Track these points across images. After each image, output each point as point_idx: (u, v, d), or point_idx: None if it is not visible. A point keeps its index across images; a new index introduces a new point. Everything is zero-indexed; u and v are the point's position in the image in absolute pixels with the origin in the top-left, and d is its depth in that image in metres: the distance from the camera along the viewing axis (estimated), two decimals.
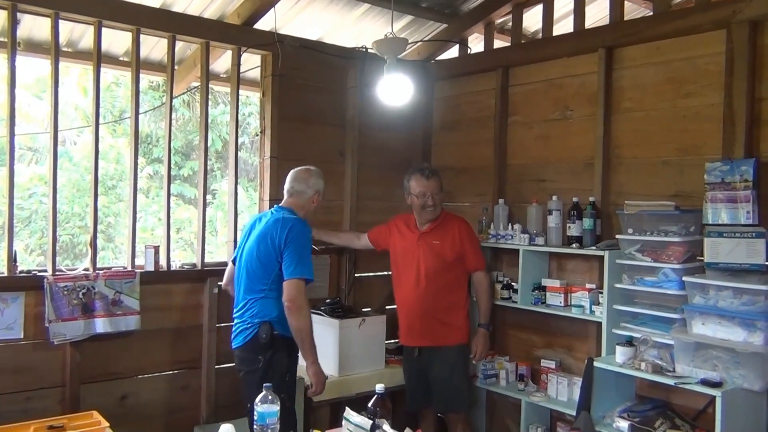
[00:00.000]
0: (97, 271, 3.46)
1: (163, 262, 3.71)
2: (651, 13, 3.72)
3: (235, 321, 3.25)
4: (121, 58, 4.07)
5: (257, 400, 2.36)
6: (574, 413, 3.41)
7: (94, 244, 3.51)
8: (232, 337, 3.25)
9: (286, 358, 3.14)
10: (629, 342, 3.26)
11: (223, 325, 3.90)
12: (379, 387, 2.44)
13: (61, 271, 3.43)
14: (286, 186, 3.38)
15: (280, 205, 3.35)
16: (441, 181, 3.76)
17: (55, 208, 3.40)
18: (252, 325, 3.13)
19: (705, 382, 2.89)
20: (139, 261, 3.68)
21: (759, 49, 3.13)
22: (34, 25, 3.58)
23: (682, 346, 3.07)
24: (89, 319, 3.38)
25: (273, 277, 3.11)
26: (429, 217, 3.74)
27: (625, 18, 3.77)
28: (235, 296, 3.31)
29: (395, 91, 3.66)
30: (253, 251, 3.19)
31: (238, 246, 3.39)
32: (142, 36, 3.65)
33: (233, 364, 3.35)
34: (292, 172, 3.41)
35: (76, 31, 3.75)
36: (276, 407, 2.36)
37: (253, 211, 4.29)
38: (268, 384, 2.41)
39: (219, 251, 5.08)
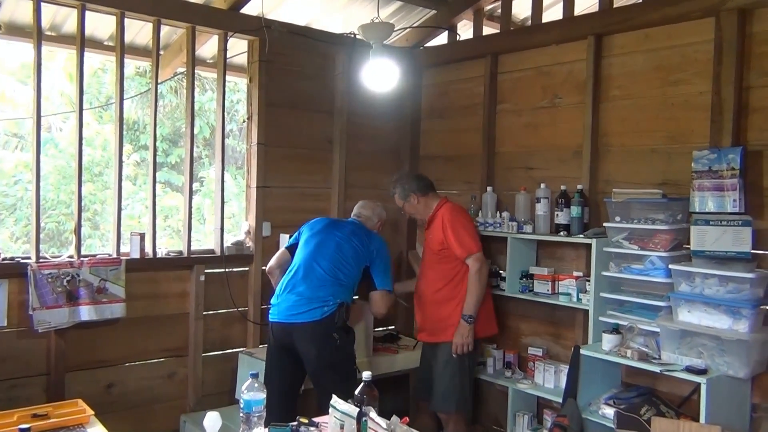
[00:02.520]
0: (81, 259, 3.43)
1: (149, 249, 3.68)
2: (640, 1, 3.71)
3: (302, 297, 3.29)
4: (105, 43, 4.01)
5: (243, 387, 2.35)
6: (560, 400, 3.42)
7: (78, 232, 3.48)
8: (296, 312, 3.26)
9: (352, 334, 3.41)
10: (616, 330, 3.27)
11: (210, 312, 3.89)
12: (366, 375, 2.43)
13: (45, 258, 3.39)
14: (354, 212, 3.80)
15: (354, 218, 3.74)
16: (401, 191, 3.77)
17: (38, 195, 3.36)
18: (333, 303, 3.28)
19: (690, 370, 2.91)
20: (126, 249, 3.65)
21: (747, 38, 3.13)
22: (17, 8, 3.51)
23: (667, 334, 3.08)
24: (74, 306, 3.35)
25: (358, 271, 3.46)
26: (421, 220, 3.85)
27: (615, 5, 3.76)
28: (299, 276, 3.36)
29: (380, 76, 3.62)
30: (347, 242, 3.46)
31: (305, 236, 3.54)
32: (127, 20, 3.61)
33: (220, 352, 3.35)
34: (359, 202, 3.84)
35: (60, 15, 3.69)
36: (262, 395, 2.35)
37: (241, 198, 4.26)
38: (254, 372, 2.40)
39: (207, 239, 5.04)
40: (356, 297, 3.61)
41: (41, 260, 3.34)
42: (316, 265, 3.38)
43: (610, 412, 3.18)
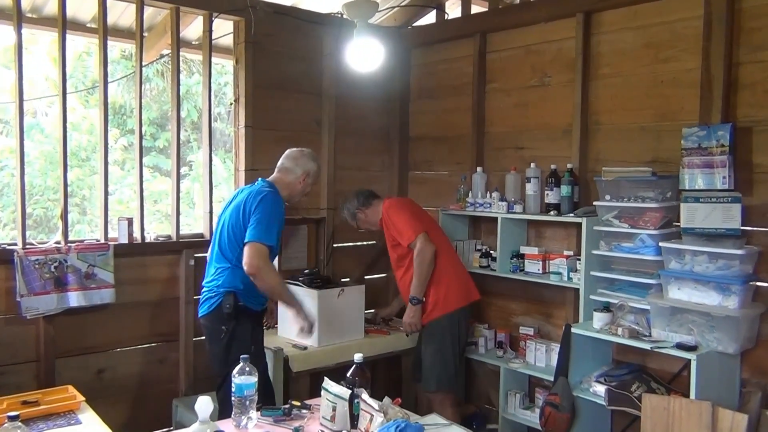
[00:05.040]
0: (69, 244, 3.39)
1: (137, 234, 3.64)
2: None
3: (203, 290, 3.19)
4: (88, 25, 3.93)
5: (234, 371, 2.35)
6: (552, 379, 3.44)
7: (65, 217, 3.44)
8: (200, 306, 3.19)
9: (250, 329, 3.11)
10: (606, 308, 3.28)
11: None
12: (358, 356, 2.43)
13: (32, 244, 3.36)
14: (278, 162, 3.37)
15: (265, 178, 3.30)
16: (349, 213, 3.90)
17: (23, 182, 3.30)
18: (216, 294, 3.08)
19: (680, 346, 2.93)
20: (114, 234, 3.62)
21: (737, 13, 3.10)
22: None
23: (658, 311, 3.10)
24: (62, 292, 3.33)
25: (241, 247, 3.01)
26: (377, 227, 3.88)
27: None
28: (207, 267, 3.26)
29: (365, 55, 3.57)
30: (225, 222, 3.16)
31: (218, 219, 3.33)
32: (109, 1, 3.54)
33: None
34: (287, 150, 3.40)
35: None
36: (254, 378, 2.35)
37: (230, 182, 4.22)
38: (245, 356, 2.39)
39: (196, 223, 5.02)
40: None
41: (28, 246, 3.30)
42: (211, 252, 3.22)
43: (601, 389, 3.20)
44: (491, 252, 4.00)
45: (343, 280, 4.11)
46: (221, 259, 3.12)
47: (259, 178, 3.31)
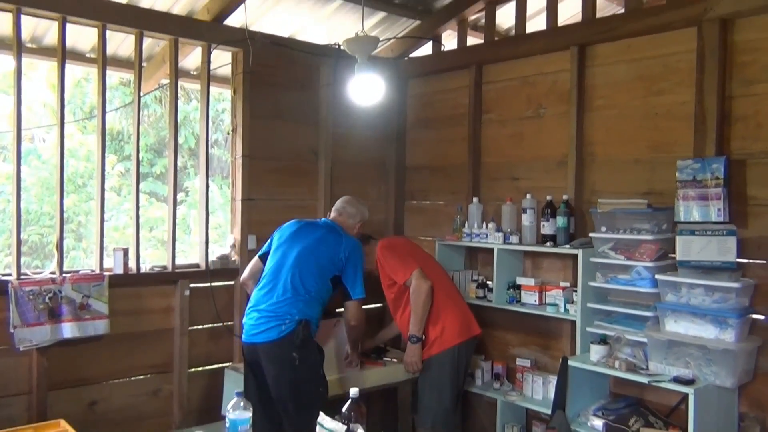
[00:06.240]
0: (63, 275, 3.38)
1: (132, 264, 3.63)
2: (623, 11, 3.73)
3: (262, 315, 3.16)
4: (87, 55, 3.97)
5: (229, 406, 2.32)
6: (549, 412, 3.41)
7: (60, 247, 3.42)
8: (257, 331, 3.14)
9: (318, 355, 3.22)
10: (603, 340, 3.27)
11: (195, 328, 3.85)
12: (353, 391, 2.40)
13: (26, 274, 3.34)
14: (337, 205, 3.64)
15: (329, 218, 3.58)
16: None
17: (19, 211, 3.30)
18: (291, 321, 3.10)
19: (678, 380, 2.91)
20: (109, 262, 3.60)
21: (729, 47, 3.15)
22: None
23: (655, 344, 3.09)
24: (56, 324, 3.30)
25: (325, 283, 3.25)
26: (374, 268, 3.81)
27: (597, 15, 3.77)
28: (263, 291, 3.24)
29: (366, 90, 3.61)
30: (310, 253, 3.27)
31: (275, 244, 3.41)
32: (109, 32, 3.57)
33: (206, 368, 3.29)
34: (344, 197, 3.70)
35: (41, 27, 3.65)
36: (248, 414, 2.31)
37: (227, 208, 4.23)
38: (239, 391, 2.37)
39: (192, 250, 5.01)
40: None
41: (22, 277, 3.28)
42: (278, 278, 3.23)
43: (599, 423, 3.17)
44: (488, 283, 3.99)
45: (338, 310, 4.09)
46: (299, 288, 3.19)
47: (324, 218, 3.66)
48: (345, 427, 2.28)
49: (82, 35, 3.75)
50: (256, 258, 3.52)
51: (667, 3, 3.39)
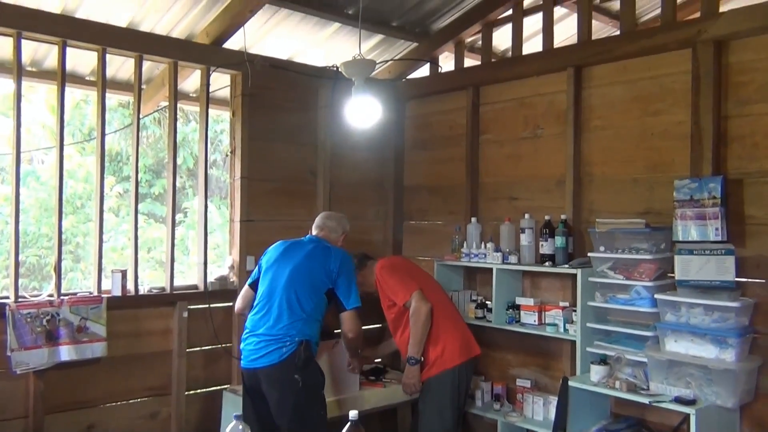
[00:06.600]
0: (61, 297, 3.36)
1: (130, 285, 3.62)
2: (618, 33, 3.77)
3: (261, 339, 3.13)
4: (87, 78, 4.00)
5: (227, 429, 2.30)
6: None
7: (58, 269, 3.41)
8: (257, 356, 3.11)
9: (319, 376, 3.20)
10: (603, 360, 3.25)
11: (193, 350, 3.83)
12: (353, 414, 2.38)
13: (24, 297, 3.32)
14: (318, 222, 3.59)
15: (314, 235, 3.51)
16: None
17: (17, 232, 3.29)
18: (291, 343, 3.07)
19: (679, 400, 2.90)
20: (107, 284, 3.59)
21: (724, 68, 3.18)
22: None
23: (655, 364, 3.07)
24: (53, 347, 3.28)
25: (320, 299, 3.23)
26: (375, 290, 3.77)
27: (593, 37, 3.81)
28: (258, 315, 3.21)
29: (364, 113, 3.64)
30: (303, 270, 3.24)
31: (264, 267, 3.36)
32: (109, 55, 3.60)
33: (204, 390, 3.27)
34: (322, 213, 3.71)
35: (41, 51, 3.68)
36: None
37: (226, 229, 4.23)
38: (237, 414, 2.35)
39: (191, 271, 4.99)
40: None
41: (20, 300, 3.27)
42: (272, 300, 3.19)
43: None
44: (487, 303, 3.98)
45: (336, 331, 4.07)
46: (296, 307, 3.15)
47: (308, 235, 3.53)
48: None
49: (81, 58, 3.78)
50: (246, 286, 3.49)
51: (662, 25, 3.43)
